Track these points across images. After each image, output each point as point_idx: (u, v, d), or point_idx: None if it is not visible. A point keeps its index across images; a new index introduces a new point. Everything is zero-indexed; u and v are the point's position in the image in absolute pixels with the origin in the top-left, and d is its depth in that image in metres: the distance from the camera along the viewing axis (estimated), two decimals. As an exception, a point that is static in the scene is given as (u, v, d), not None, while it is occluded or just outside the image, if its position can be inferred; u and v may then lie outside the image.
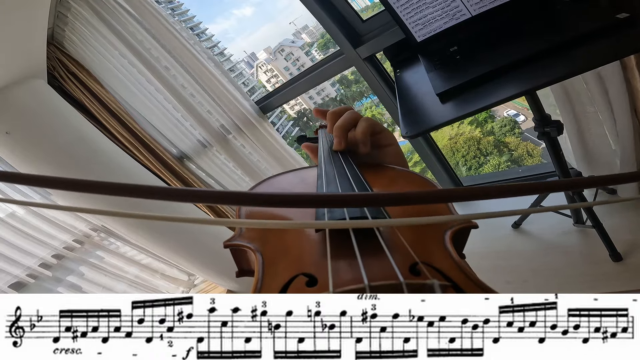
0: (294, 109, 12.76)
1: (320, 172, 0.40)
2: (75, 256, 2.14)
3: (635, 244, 1.17)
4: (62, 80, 1.82)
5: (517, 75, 0.80)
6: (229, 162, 2.12)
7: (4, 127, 1.47)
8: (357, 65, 1.50)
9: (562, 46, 0.77)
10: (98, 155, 1.70)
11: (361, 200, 0.22)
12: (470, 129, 9.44)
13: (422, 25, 1.02)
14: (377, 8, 1.03)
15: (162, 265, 2.44)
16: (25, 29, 1.35)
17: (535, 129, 1.09)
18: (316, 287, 0.24)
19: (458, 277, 0.24)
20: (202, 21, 14.02)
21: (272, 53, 13.27)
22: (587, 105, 1.18)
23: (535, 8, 0.92)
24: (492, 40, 0.94)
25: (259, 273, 0.27)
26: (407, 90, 1.02)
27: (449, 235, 0.28)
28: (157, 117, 1.97)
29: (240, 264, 0.34)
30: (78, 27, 1.70)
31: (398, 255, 0.24)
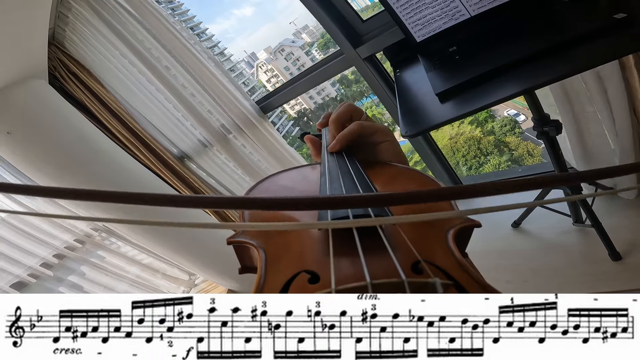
0: (294, 109, 12.76)
1: (323, 169, 0.40)
2: (76, 256, 2.14)
3: (635, 243, 1.17)
4: (63, 80, 1.82)
5: (515, 75, 0.80)
6: (229, 162, 2.12)
7: (5, 127, 1.48)
8: (357, 65, 1.50)
9: (561, 46, 0.78)
10: (99, 155, 1.70)
11: (365, 200, 0.22)
12: (470, 128, 9.43)
13: (421, 25, 1.02)
14: (377, 8, 1.03)
15: (163, 265, 2.44)
16: (26, 29, 1.35)
17: (534, 129, 1.09)
18: (318, 285, 0.24)
19: (460, 275, 0.24)
20: (202, 21, 14.02)
21: (272, 53, 13.26)
22: (586, 104, 1.18)
23: (534, 8, 0.92)
24: (491, 40, 0.94)
25: (261, 270, 0.27)
26: (407, 90, 1.02)
27: (452, 233, 0.28)
28: (158, 117, 1.98)
29: (243, 261, 0.34)
30: (79, 27, 1.70)
31: (400, 253, 0.24)
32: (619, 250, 1.15)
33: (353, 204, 0.22)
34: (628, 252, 1.16)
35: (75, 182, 1.61)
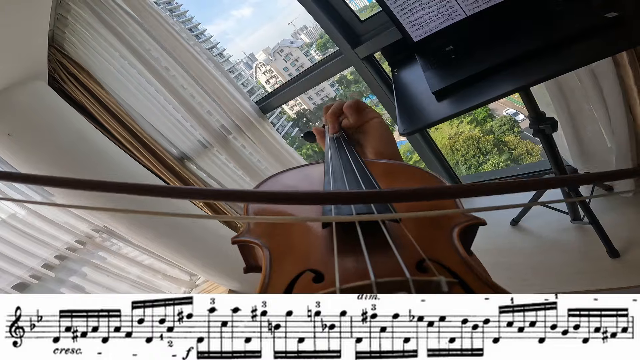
0: (293, 110, 12.75)
1: (327, 168, 0.41)
2: (77, 257, 2.14)
3: (633, 240, 1.17)
4: (63, 81, 1.83)
5: (510, 73, 0.82)
6: (229, 163, 2.12)
7: (5, 128, 1.48)
8: (356, 65, 1.50)
9: (554, 45, 0.79)
10: (99, 156, 1.70)
11: (369, 196, 0.22)
12: (469, 128, 9.42)
13: (418, 25, 1.03)
14: (375, 8, 1.03)
15: (163, 266, 2.44)
16: (25, 31, 1.35)
17: (530, 127, 1.10)
18: (323, 284, 0.24)
19: (465, 274, 0.24)
20: (200, 22, 14.00)
21: (271, 54, 13.24)
22: (583, 103, 1.19)
23: (529, 8, 0.93)
24: (486, 39, 0.96)
25: (266, 269, 0.27)
26: (404, 89, 1.03)
27: (457, 232, 0.28)
28: (158, 118, 1.98)
29: (248, 260, 0.35)
30: (78, 29, 1.70)
31: (405, 252, 0.24)
32: (617, 247, 1.15)
33: (359, 199, 0.22)
34: (626, 249, 1.16)
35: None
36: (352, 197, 0.22)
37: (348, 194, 0.20)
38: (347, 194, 0.20)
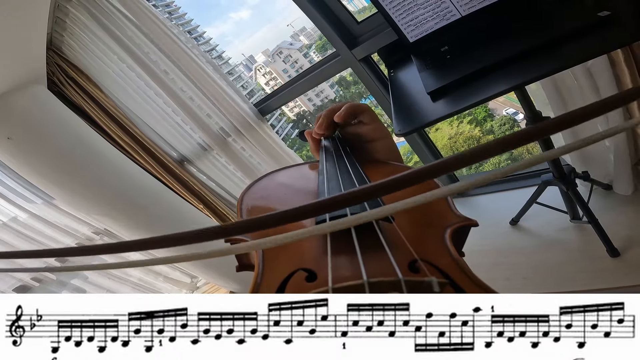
0: (292, 111, 12.76)
1: (321, 167, 0.41)
2: (79, 260, 2.14)
3: (632, 239, 1.17)
4: (62, 85, 1.83)
5: (505, 73, 0.82)
6: (229, 165, 2.13)
7: (5, 132, 1.49)
8: (353, 67, 1.50)
9: (548, 44, 0.80)
10: (98, 160, 1.70)
11: (358, 195, 0.22)
12: (469, 128, 9.41)
13: (414, 26, 1.04)
14: (374, 9, 1.04)
15: (164, 268, 2.44)
16: (24, 35, 1.36)
17: (526, 125, 1.10)
18: (315, 283, 0.24)
19: (457, 275, 0.24)
20: (199, 25, 14.01)
21: (270, 55, 13.25)
22: (579, 101, 1.19)
23: (523, 7, 0.94)
24: (481, 39, 0.96)
25: (259, 267, 0.27)
26: (401, 89, 1.04)
27: (449, 233, 0.28)
28: (157, 121, 1.98)
29: (241, 259, 0.35)
30: (76, 32, 1.70)
31: (398, 253, 0.24)
32: (617, 246, 1.15)
33: (344, 202, 0.23)
34: (626, 248, 1.15)
35: (75, 186, 1.62)
36: (338, 200, 0.22)
37: (333, 200, 0.20)
38: (331, 200, 0.20)
